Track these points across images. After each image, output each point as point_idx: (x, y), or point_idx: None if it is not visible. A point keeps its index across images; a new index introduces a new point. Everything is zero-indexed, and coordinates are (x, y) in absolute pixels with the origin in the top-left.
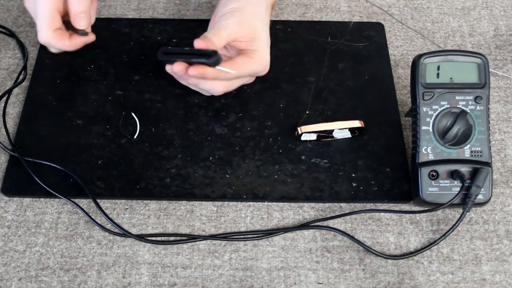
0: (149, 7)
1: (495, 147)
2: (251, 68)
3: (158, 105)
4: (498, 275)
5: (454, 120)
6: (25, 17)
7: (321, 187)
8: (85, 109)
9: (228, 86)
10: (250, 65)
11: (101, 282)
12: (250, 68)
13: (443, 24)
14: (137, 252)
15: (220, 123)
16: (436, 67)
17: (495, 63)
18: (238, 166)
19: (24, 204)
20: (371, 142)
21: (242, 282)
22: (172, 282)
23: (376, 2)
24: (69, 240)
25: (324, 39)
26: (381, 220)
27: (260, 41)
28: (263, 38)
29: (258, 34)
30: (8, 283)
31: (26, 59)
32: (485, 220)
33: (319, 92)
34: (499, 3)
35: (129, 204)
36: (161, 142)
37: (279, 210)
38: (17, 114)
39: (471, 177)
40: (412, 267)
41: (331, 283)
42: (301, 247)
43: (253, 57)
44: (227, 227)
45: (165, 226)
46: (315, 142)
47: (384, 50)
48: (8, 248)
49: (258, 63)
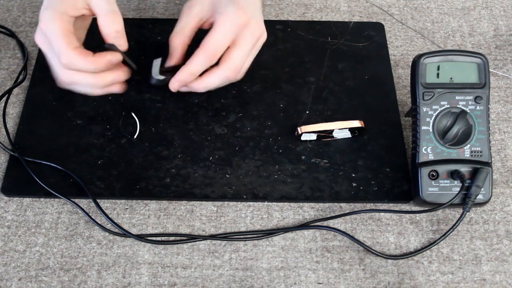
0: (149, 7)
1: (495, 147)
2: (212, 37)
3: (158, 105)
4: (498, 275)
5: (454, 120)
6: (25, 17)
7: (321, 187)
8: (85, 109)
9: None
10: (211, 34)
11: (101, 282)
12: (212, 37)
13: (443, 24)
14: (137, 252)
15: (220, 123)
16: (436, 67)
17: (495, 63)
18: (238, 166)
19: (24, 204)
20: (371, 142)
21: (242, 282)
22: (172, 282)
23: (376, 2)
24: (69, 240)
25: (324, 39)
26: (381, 220)
27: (222, 2)
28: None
29: (218, 6)
30: (8, 283)
31: (26, 59)
32: (485, 220)
33: (319, 92)
34: (499, 3)
35: (129, 204)
36: (161, 142)
37: (279, 210)
38: (17, 114)
39: (471, 177)
40: (412, 267)
41: (331, 283)
42: (301, 247)
43: (218, 18)
44: (227, 227)
45: (165, 226)
46: (315, 142)
47: (384, 50)
48: (8, 248)
49: (219, 28)
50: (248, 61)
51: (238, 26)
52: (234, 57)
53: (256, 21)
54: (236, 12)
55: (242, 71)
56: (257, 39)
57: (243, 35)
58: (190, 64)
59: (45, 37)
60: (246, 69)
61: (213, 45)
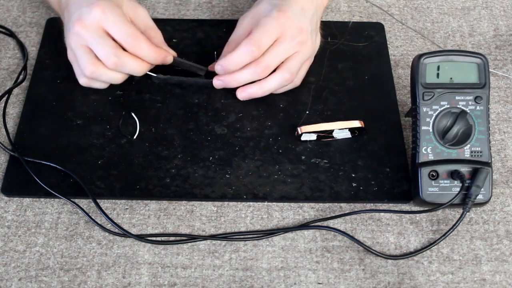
0: (149, 7)
1: (495, 147)
2: (254, 33)
3: (158, 105)
4: (498, 275)
5: (454, 120)
6: (25, 17)
7: (321, 187)
8: (85, 109)
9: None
10: (253, 31)
11: (101, 282)
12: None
13: (443, 24)
14: (137, 252)
15: (220, 123)
16: (436, 67)
17: (495, 63)
18: (238, 166)
19: (24, 204)
20: (371, 142)
21: (242, 282)
22: (172, 282)
23: (376, 2)
24: (69, 240)
25: (324, 39)
26: (381, 220)
27: (268, 9)
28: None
29: (263, 13)
30: (8, 283)
31: (26, 59)
32: (485, 220)
33: (319, 92)
34: (499, 3)
35: (129, 204)
36: (161, 142)
37: (279, 210)
38: (17, 114)
39: (471, 177)
40: (412, 267)
41: (331, 283)
42: (301, 247)
43: (262, 20)
44: (227, 227)
45: (165, 226)
46: (315, 142)
47: (384, 50)
48: (8, 248)
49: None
50: (304, 67)
51: (281, 25)
52: (271, 57)
53: (297, 27)
54: (277, 14)
55: (298, 76)
56: (297, 43)
57: (284, 35)
58: (234, 54)
59: (81, 37)
60: (302, 75)
61: (257, 37)
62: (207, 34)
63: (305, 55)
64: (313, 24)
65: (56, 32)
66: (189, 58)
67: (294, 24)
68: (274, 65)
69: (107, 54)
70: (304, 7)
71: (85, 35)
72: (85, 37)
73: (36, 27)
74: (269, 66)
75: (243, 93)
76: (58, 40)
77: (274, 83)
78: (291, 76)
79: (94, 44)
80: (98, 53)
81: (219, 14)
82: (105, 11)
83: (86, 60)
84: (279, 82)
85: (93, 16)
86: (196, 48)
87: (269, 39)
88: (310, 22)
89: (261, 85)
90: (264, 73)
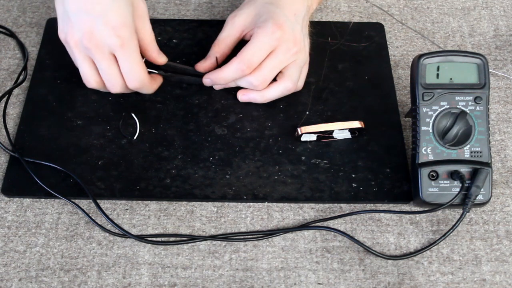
0: (149, 7)
1: (495, 147)
2: (248, 49)
3: (158, 105)
4: (498, 275)
5: (454, 121)
6: (25, 17)
7: (321, 188)
8: (85, 109)
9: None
10: (247, 46)
11: (101, 282)
12: (248, 49)
13: (443, 24)
14: (137, 253)
15: (220, 123)
16: (436, 67)
17: (495, 63)
18: (238, 166)
19: (24, 205)
20: (371, 143)
21: (242, 283)
22: (172, 282)
23: (376, 2)
24: (69, 240)
25: (324, 39)
26: (381, 220)
27: (262, 17)
28: (267, 15)
29: (258, 19)
30: (9, 284)
31: (26, 60)
32: (485, 221)
33: (319, 93)
34: (499, 3)
35: (129, 205)
36: (161, 143)
37: (279, 210)
38: (17, 115)
39: (471, 178)
40: (412, 268)
41: (331, 284)
42: (301, 247)
43: (256, 32)
44: (227, 228)
45: (165, 227)
46: (315, 142)
47: (384, 50)
48: (8, 248)
49: (255, 41)
50: (304, 71)
51: (275, 40)
52: (267, 71)
53: (292, 39)
54: (272, 28)
55: (300, 81)
56: (293, 54)
57: (279, 48)
58: (224, 69)
59: (88, 50)
60: (303, 79)
61: (248, 56)
62: (207, 35)
63: (302, 62)
64: (304, 29)
65: (57, 33)
66: (189, 58)
67: (289, 37)
68: (271, 77)
69: (113, 83)
70: (297, 11)
71: (93, 51)
72: (93, 53)
73: (36, 27)
74: (266, 80)
75: (244, 97)
76: (59, 40)
77: (276, 92)
78: (293, 85)
79: (102, 66)
80: (103, 76)
81: (219, 14)
82: (124, 44)
83: (89, 76)
84: (281, 91)
85: (109, 42)
86: (196, 49)
87: (262, 55)
88: (302, 28)
89: (263, 94)
90: (261, 86)
